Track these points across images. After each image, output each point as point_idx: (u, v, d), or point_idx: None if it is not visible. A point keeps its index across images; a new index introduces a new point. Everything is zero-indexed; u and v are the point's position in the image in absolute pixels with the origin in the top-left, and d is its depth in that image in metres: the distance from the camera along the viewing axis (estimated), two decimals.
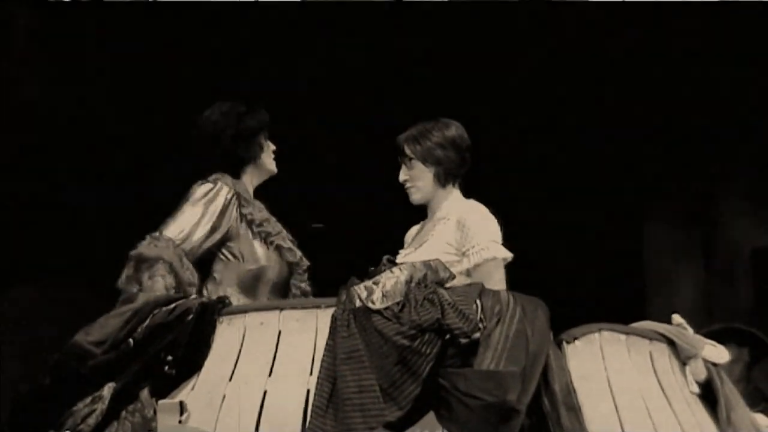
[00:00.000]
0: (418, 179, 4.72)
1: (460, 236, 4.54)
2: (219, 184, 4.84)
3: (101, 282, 4.95)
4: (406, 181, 4.75)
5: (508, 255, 4.55)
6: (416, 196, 4.75)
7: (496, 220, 4.61)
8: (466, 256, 4.50)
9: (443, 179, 4.71)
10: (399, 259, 4.39)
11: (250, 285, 4.83)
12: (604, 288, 8.50)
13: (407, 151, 4.72)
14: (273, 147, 5.05)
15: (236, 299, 4.72)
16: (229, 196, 4.82)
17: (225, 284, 4.81)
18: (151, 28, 7.86)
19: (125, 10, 7.69)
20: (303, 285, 4.98)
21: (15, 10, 7.83)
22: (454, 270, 4.22)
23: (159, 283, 4.55)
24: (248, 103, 5.01)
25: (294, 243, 5.03)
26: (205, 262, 4.84)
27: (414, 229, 4.89)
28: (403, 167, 4.75)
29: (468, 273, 4.47)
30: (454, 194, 4.74)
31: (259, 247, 4.87)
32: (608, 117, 8.52)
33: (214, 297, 4.72)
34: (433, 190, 4.73)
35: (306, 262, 5.01)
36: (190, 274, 4.63)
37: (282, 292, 4.92)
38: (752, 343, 6.41)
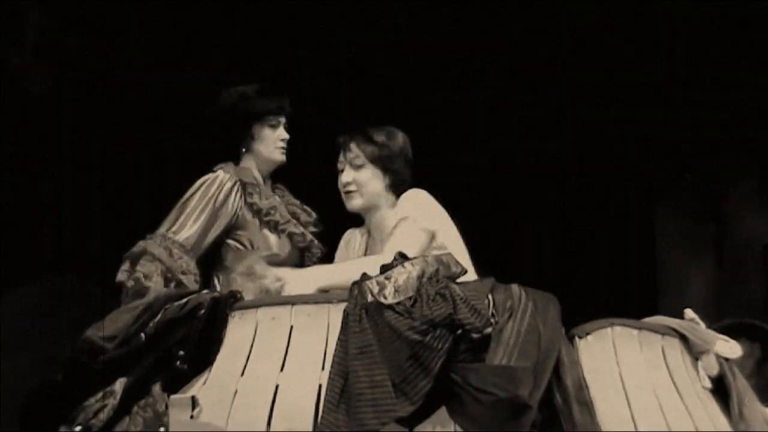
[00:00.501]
0: (365, 184, 4.66)
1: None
2: (218, 172, 4.85)
3: (102, 281, 4.96)
4: (349, 184, 4.67)
5: (429, 227, 4.49)
6: (357, 202, 4.67)
7: (433, 204, 4.56)
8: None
9: (396, 188, 4.66)
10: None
11: None
12: (615, 283, 8.48)
13: (357, 151, 4.64)
14: (281, 136, 4.99)
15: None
16: (229, 184, 4.82)
17: (234, 272, 4.82)
18: (161, 23, 7.88)
19: (135, 5, 7.71)
20: None
21: (25, 6, 7.84)
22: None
23: (140, 275, 4.61)
24: (264, 87, 5.00)
25: (312, 226, 5.02)
26: (215, 251, 4.86)
27: (353, 239, 4.85)
28: (348, 169, 4.66)
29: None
30: (394, 204, 4.68)
31: (270, 235, 4.87)
32: (619, 112, 8.51)
33: (226, 286, 4.76)
34: (377, 199, 4.67)
35: (318, 249, 5.00)
36: (183, 263, 4.64)
37: None
38: (764, 339, 6.40)
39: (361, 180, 4.64)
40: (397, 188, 4.66)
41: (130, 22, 7.89)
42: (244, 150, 4.96)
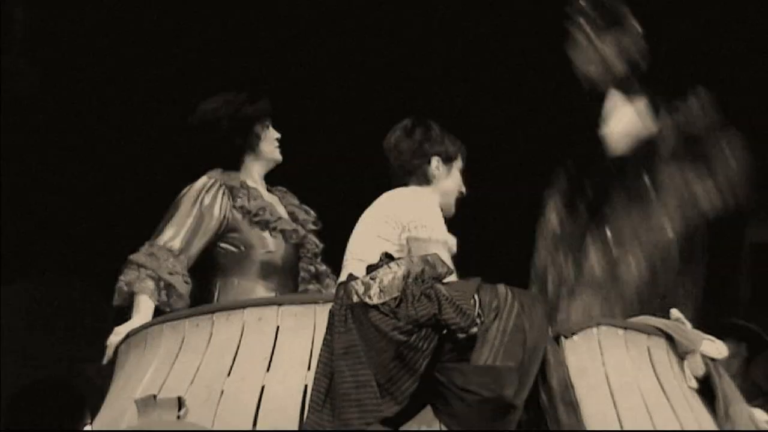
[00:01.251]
0: None
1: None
2: (202, 178, 4.89)
3: (101, 282, 4.97)
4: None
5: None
6: None
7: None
8: (405, 230, 4.49)
9: None
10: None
11: (262, 272, 4.86)
12: None
13: None
14: (276, 135, 5.05)
15: (247, 287, 4.76)
16: (214, 189, 4.86)
17: (232, 275, 4.86)
18: (149, 20, 7.87)
19: (123, 5, 7.71)
20: (312, 268, 4.98)
21: (12, 3, 7.82)
22: (392, 243, 4.29)
23: (122, 284, 4.69)
24: (252, 92, 5.03)
25: (311, 224, 5.04)
26: (211, 257, 4.88)
27: None
28: None
29: (406, 247, 4.46)
30: None
31: (265, 234, 4.89)
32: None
33: (224, 290, 4.79)
34: None
35: (315, 244, 5.01)
36: (169, 264, 4.68)
37: (293, 276, 4.94)
38: (750, 339, 6.42)
39: None
40: None
41: (117, 23, 7.89)
42: (247, 150, 4.99)
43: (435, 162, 4.75)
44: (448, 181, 4.80)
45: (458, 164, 4.85)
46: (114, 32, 7.91)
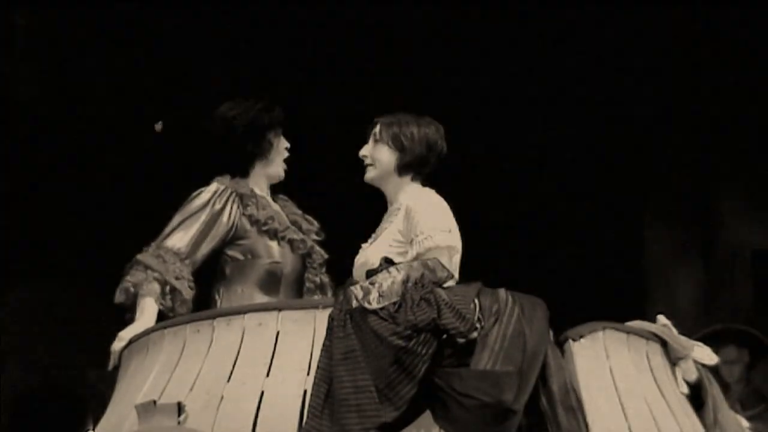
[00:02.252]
0: (377, 159, 4.58)
1: (406, 225, 4.43)
2: (213, 184, 4.87)
3: (101, 282, 4.97)
4: (365, 157, 4.63)
5: (454, 243, 4.39)
6: (370, 174, 4.61)
7: (447, 208, 4.48)
8: (411, 244, 4.39)
9: (401, 168, 4.57)
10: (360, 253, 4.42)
11: (266, 282, 4.84)
12: (604, 289, 8.50)
13: (381, 128, 4.60)
14: (286, 144, 5.03)
15: (250, 296, 4.75)
16: (225, 195, 4.83)
17: (237, 283, 4.84)
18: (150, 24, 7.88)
19: (125, 7, 7.72)
20: (317, 279, 4.97)
21: (13, 8, 7.83)
22: (402, 259, 4.19)
23: (128, 285, 4.66)
24: (267, 99, 5.02)
25: (314, 234, 5.04)
26: (215, 264, 4.87)
27: None
28: (369, 144, 4.63)
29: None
30: (412, 186, 4.59)
31: (272, 243, 4.88)
32: (609, 116, 8.53)
33: (227, 298, 4.78)
34: (389, 175, 4.59)
35: (321, 254, 5.00)
36: (176, 269, 4.67)
37: (298, 286, 4.93)
38: (752, 344, 6.42)
39: (375, 154, 4.60)
40: (404, 167, 4.58)
41: (118, 27, 7.90)
42: (259, 157, 4.97)
43: None
44: None
45: None
46: (115, 36, 7.92)
